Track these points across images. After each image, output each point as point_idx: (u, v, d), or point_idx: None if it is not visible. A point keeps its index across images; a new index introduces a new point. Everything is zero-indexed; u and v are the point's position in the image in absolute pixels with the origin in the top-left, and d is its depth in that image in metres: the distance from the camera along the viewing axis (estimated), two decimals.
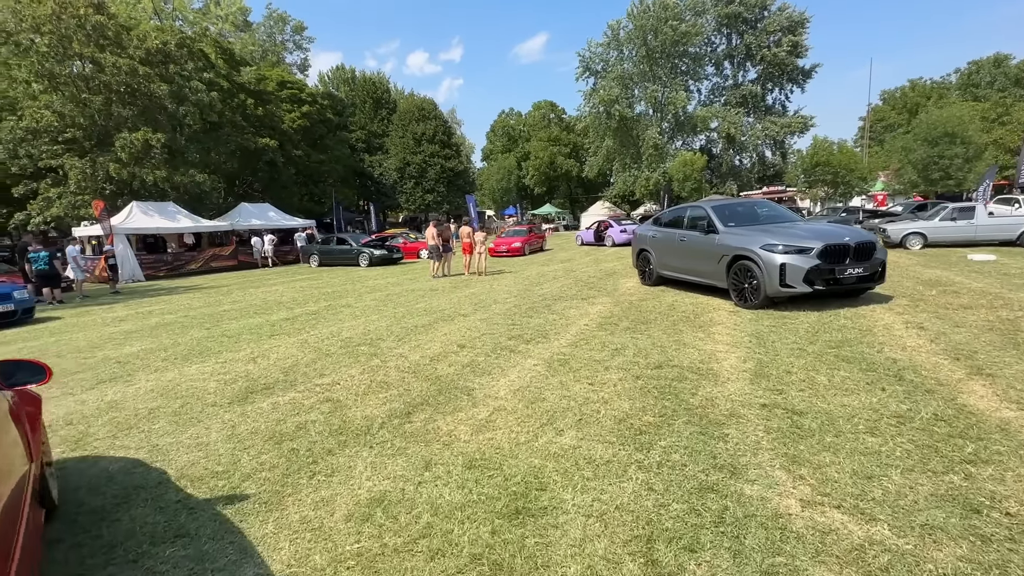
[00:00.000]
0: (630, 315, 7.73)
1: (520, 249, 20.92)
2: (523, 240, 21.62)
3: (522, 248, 20.97)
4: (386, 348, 6.43)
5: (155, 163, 20.74)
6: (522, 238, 21.93)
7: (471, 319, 8.12)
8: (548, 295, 10.23)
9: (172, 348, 6.96)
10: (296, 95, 35.67)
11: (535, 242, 23.28)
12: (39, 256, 13.30)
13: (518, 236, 22.42)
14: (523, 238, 21.94)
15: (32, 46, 18.97)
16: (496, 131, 64.14)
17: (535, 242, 23.28)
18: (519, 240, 21.57)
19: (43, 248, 13.92)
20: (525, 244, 21.42)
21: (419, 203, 43.84)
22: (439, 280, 14.14)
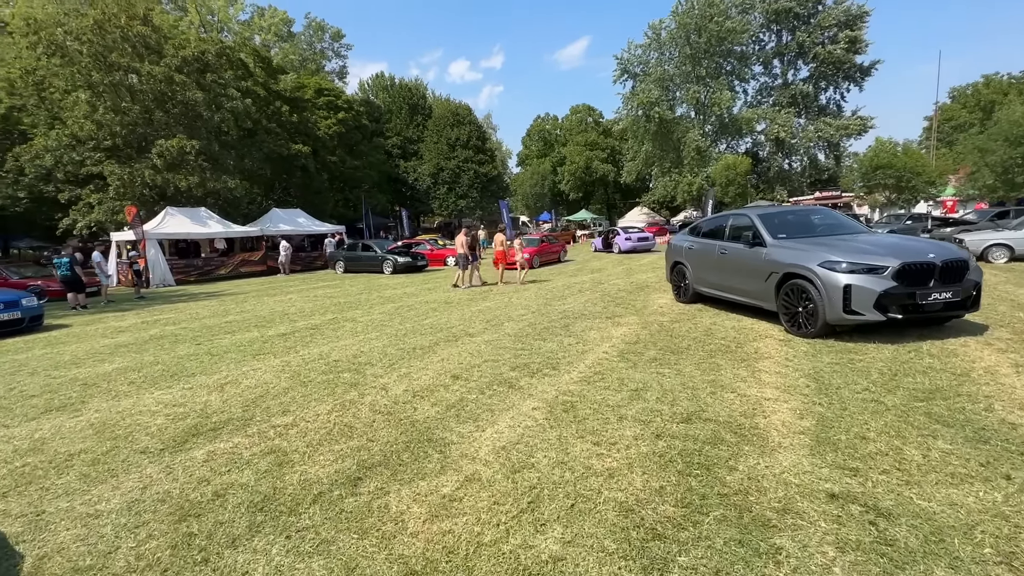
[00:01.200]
0: (659, 341, 6.63)
1: (530, 261, 17.81)
2: (532, 252, 18.85)
3: (530, 260, 18.00)
4: (371, 376, 5.63)
5: (189, 169, 21.05)
6: (531, 249, 19.07)
7: (477, 340, 7.24)
8: (569, 312, 9.23)
9: (148, 367, 6.41)
10: (332, 102, 36.10)
11: (549, 253, 20.88)
12: (61, 262, 13.46)
13: (527, 247, 19.94)
14: (532, 249, 19.22)
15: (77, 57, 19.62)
16: (532, 136, 63.43)
17: (549, 253, 20.88)
18: (526, 252, 18.97)
19: (64, 254, 14.08)
20: (534, 256, 18.87)
21: (452, 208, 43.56)
22: (460, 291, 13.35)
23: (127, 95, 20.82)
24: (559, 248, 22.24)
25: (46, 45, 19.44)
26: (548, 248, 21.50)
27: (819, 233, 7.55)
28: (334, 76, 46.64)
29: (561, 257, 21.32)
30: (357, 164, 36.35)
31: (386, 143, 45.66)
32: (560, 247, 22.38)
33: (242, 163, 24.26)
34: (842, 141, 39.92)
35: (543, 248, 20.69)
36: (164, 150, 20.18)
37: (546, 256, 20.73)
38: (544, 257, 20.35)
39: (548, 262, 20.58)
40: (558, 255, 21.62)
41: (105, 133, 19.79)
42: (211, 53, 22.87)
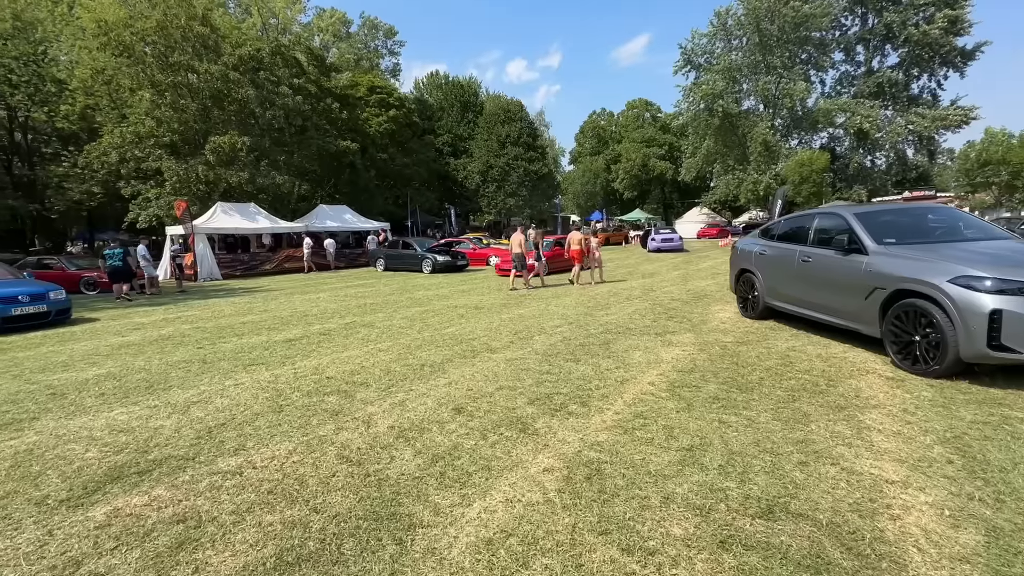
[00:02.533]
0: (721, 370, 5.27)
1: (532, 268, 14.76)
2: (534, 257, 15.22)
3: (531, 268, 14.68)
4: (359, 403, 4.67)
5: (240, 165, 21.37)
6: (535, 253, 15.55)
7: (497, 358, 6.14)
8: (612, 325, 7.94)
9: (131, 376, 5.80)
10: (384, 99, 36.24)
11: (562, 259, 16.51)
12: (113, 253, 13.80)
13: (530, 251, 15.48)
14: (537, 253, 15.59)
15: (142, 57, 20.35)
16: (585, 132, 61.61)
17: (562, 259, 16.51)
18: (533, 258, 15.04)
19: (118, 245, 14.45)
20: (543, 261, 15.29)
21: (500, 207, 42.78)
22: (505, 293, 12.31)
23: (187, 93, 21.41)
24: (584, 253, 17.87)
25: (115, 46, 20.31)
26: (562, 254, 16.95)
27: (940, 238, 5.87)
28: (387, 74, 47.12)
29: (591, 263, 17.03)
30: (407, 162, 36.29)
31: (436, 141, 45.56)
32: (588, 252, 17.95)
33: (292, 159, 24.52)
34: (937, 134, 35.51)
35: (554, 254, 16.84)
36: (217, 146, 20.56)
37: (566, 261, 16.39)
38: (563, 261, 16.54)
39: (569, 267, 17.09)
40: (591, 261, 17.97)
41: (164, 130, 20.44)
42: (266, 51, 23.18)
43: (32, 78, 24.49)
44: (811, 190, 30.16)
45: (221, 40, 21.72)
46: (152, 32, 19.93)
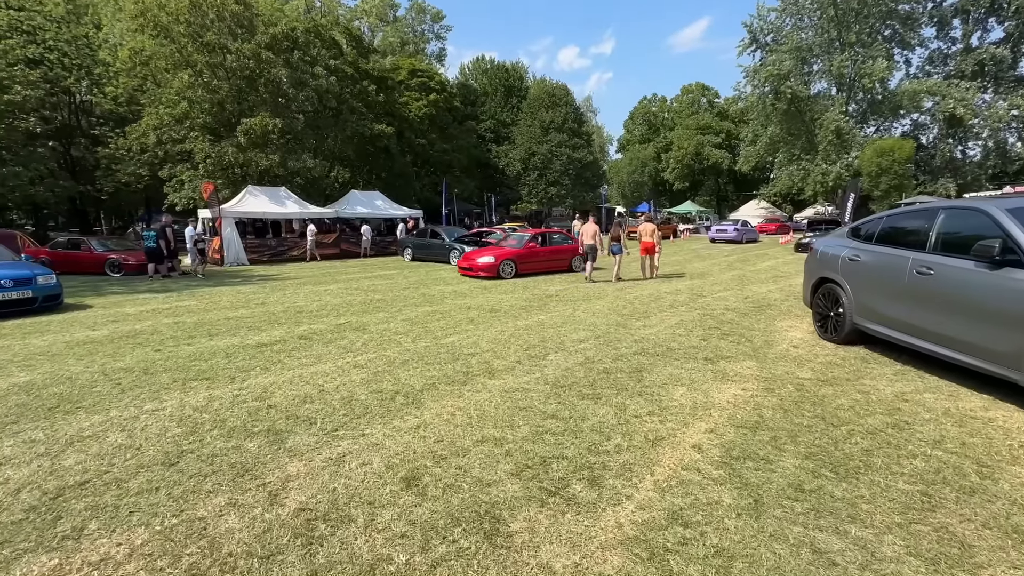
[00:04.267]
0: (801, 429, 3.67)
1: (493, 267, 13.13)
2: (506, 255, 13.41)
3: (495, 268, 13.11)
4: (285, 454, 3.42)
5: (272, 148, 20.87)
6: (508, 251, 13.75)
7: (494, 387, 4.76)
8: (649, 342, 6.36)
9: (48, 389, 4.83)
10: (425, 83, 35.23)
11: (551, 258, 14.38)
12: (149, 235, 14.46)
13: (506, 248, 14.12)
14: (509, 251, 13.72)
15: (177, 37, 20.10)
16: (635, 118, 58.58)
17: (551, 258, 14.38)
18: (498, 254, 13.41)
19: (154, 227, 14.84)
20: (503, 262, 13.21)
21: (541, 196, 41.09)
22: (528, 293, 10.90)
23: (222, 74, 21.06)
24: (567, 252, 14.80)
25: (152, 26, 20.16)
26: (542, 253, 14.27)
27: None
28: (432, 59, 46.13)
29: (572, 265, 14.61)
30: (446, 147, 35.23)
31: (478, 127, 44.26)
32: (573, 249, 14.75)
33: (324, 143, 23.91)
34: None
35: (527, 252, 13.91)
36: (248, 128, 20.10)
37: (547, 262, 14.34)
38: (542, 263, 14.22)
39: (552, 269, 14.42)
40: (569, 261, 14.69)
41: (197, 111, 20.18)
42: (300, 30, 22.51)
43: (84, 61, 25.06)
44: (891, 183, 26.70)
45: (254, 18, 21.19)
46: (185, 11, 19.59)
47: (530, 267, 14.03)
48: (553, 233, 15.86)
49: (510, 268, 13.49)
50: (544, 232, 15.52)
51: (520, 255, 13.85)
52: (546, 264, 14.45)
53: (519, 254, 13.86)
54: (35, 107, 23.89)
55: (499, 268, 13.26)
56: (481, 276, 13.21)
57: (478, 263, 13.37)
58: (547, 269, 14.47)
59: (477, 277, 13.27)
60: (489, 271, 13.20)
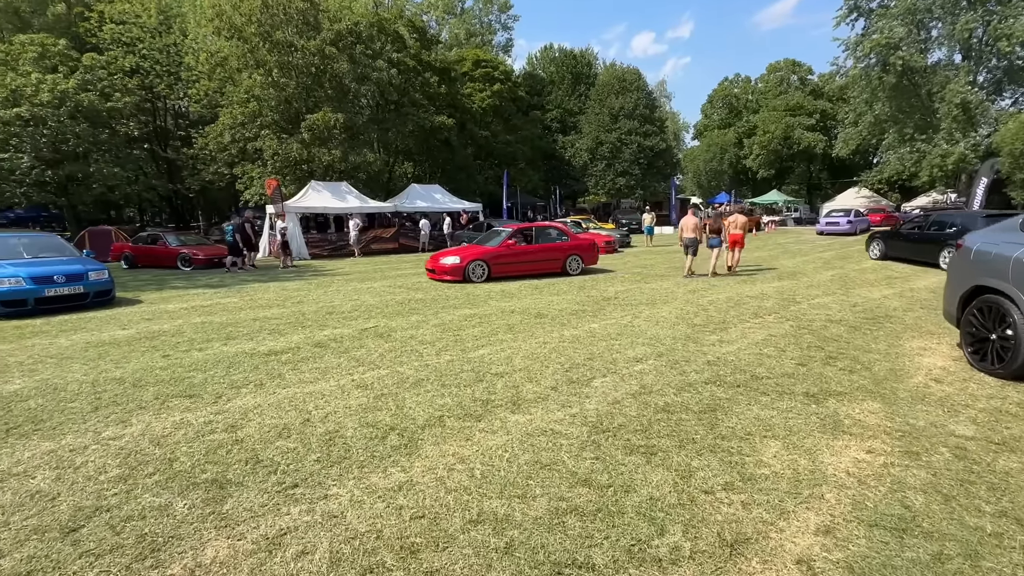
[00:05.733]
0: (983, 538, 2.22)
1: (459, 270, 11.29)
2: (476, 255, 11.52)
3: (461, 270, 11.28)
4: (212, 525, 2.58)
5: (334, 143, 21.02)
6: (479, 250, 11.84)
7: (515, 426, 3.69)
8: (728, 366, 4.97)
9: (24, 403, 4.39)
10: (490, 73, 34.48)
11: (540, 258, 12.29)
12: (228, 229, 15.62)
13: (478, 247, 12.23)
14: (480, 250, 11.79)
15: (249, 38, 20.72)
16: (714, 102, 54.33)
17: (540, 258, 12.29)
18: (466, 254, 11.58)
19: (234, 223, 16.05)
20: (471, 263, 11.33)
21: (609, 187, 39.04)
22: (583, 295, 9.70)
23: (289, 72, 21.51)
24: (569, 249, 12.66)
25: (227, 29, 20.94)
26: (526, 252, 12.17)
27: None
28: (499, 49, 45.34)
29: (567, 267, 12.47)
30: (509, 139, 34.32)
31: (544, 117, 42.92)
32: (570, 247, 12.71)
33: (385, 136, 23.84)
34: None
35: (509, 251, 11.87)
36: (312, 124, 20.35)
37: (531, 264, 12.19)
38: (525, 264, 12.10)
39: (538, 272, 12.24)
40: (563, 261, 12.47)
41: (266, 109, 20.73)
42: (363, 24, 22.48)
43: (173, 67, 26.85)
44: None
45: (320, 14, 21.40)
46: (257, 11, 20.11)
47: (508, 269, 11.83)
48: (547, 228, 13.62)
49: (481, 270, 11.42)
50: (532, 227, 13.21)
51: (494, 255, 11.69)
52: (531, 266, 12.16)
53: (492, 254, 11.70)
54: (132, 113, 25.90)
55: (466, 271, 11.24)
56: (447, 280, 11.36)
57: (441, 264, 11.53)
58: (532, 272, 12.14)
59: (443, 281, 11.41)
60: (454, 274, 11.27)
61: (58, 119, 21.36)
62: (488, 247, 12.03)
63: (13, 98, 20.62)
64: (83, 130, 22.24)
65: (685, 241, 11.73)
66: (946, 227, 12.23)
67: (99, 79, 23.17)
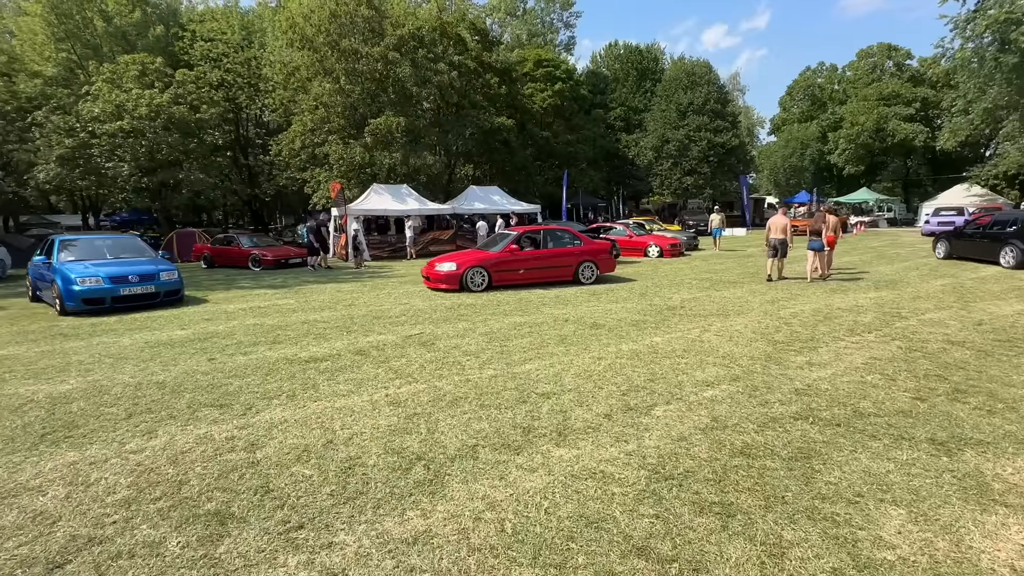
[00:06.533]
0: None
1: (455, 277, 10.31)
2: (474, 261, 10.55)
3: (458, 277, 10.28)
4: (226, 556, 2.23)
5: (396, 147, 21.36)
6: (478, 256, 10.90)
7: (558, 462, 3.16)
8: (820, 395, 4.13)
9: (72, 405, 4.41)
10: (551, 73, 33.91)
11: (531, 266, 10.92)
12: (303, 232, 17.17)
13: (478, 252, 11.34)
14: (480, 256, 10.85)
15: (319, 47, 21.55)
16: (794, 94, 50.43)
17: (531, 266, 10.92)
18: (463, 260, 10.64)
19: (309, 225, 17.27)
20: (469, 270, 10.31)
21: (675, 187, 37.19)
22: (644, 305, 8.94)
23: (356, 78, 22.14)
24: (581, 255, 11.32)
25: (299, 40, 21.91)
26: (531, 258, 10.96)
27: None
28: (561, 48, 44.66)
29: (580, 274, 11.20)
30: (570, 139, 33.55)
31: (608, 115, 41.69)
32: (583, 252, 11.36)
33: (446, 138, 23.96)
34: None
35: (512, 256, 10.75)
36: (375, 128, 20.77)
37: (539, 270, 11.01)
38: (532, 271, 10.93)
39: (546, 280, 11.10)
40: (574, 268, 11.20)
41: (333, 115, 21.45)
42: (426, 29, 22.72)
43: (253, 79, 28.62)
44: None
45: (383, 20, 21.85)
46: (326, 22, 20.85)
47: (511, 277, 10.74)
48: (558, 231, 12.12)
49: (481, 278, 10.38)
50: (541, 230, 11.92)
51: (495, 261, 10.61)
52: (537, 273, 10.99)
53: (493, 260, 10.62)
54: (217, 123, 27.84)
55: (463, 279, 10.25)
56: (442, 289, 10.39)
57: (436, 272, 10.48)
58: (539, 279, 10.99)
59: (438, 290, 10.45)
60: (449, 282, 10.26)
61: (154, 130, 23.30)
62: (489, 252, 10.99)
63: (117, 112, 22.74)
64: (175, 140, 24.15)
65: (772, 242, 10.85)
66: (1007, 225, 12.52)
67: (189, 93, 25.10)
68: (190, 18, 32.82)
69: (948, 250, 14.32)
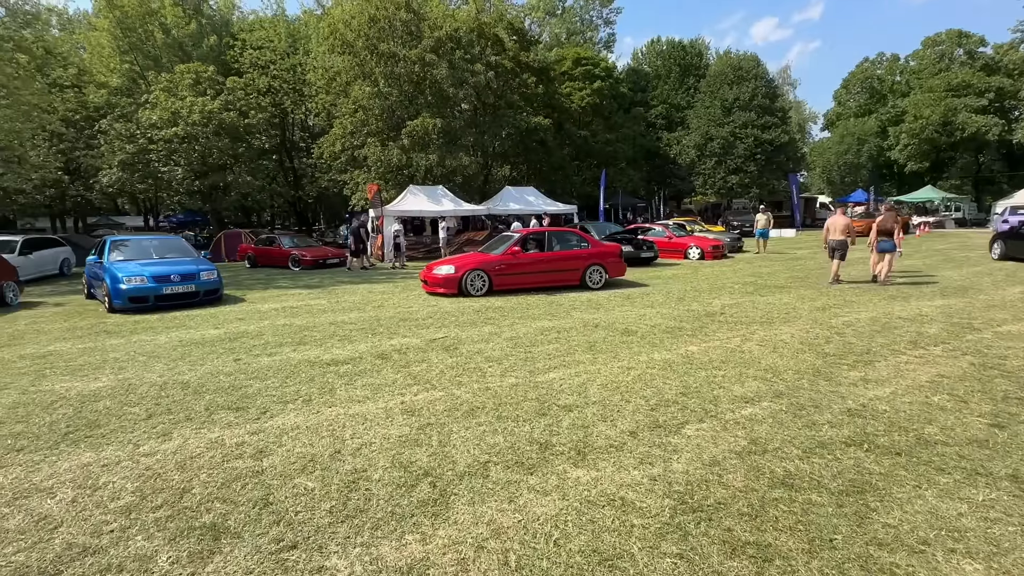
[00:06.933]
0: None
1: (454, 281, 9.82)
2: (473, 264, 10.05)
3: (456, 281, 9.79)
4: None
5: (432, 148, 21.50)
6: (478, 259, 10.41)
7: (574, 485, 2.92)
8: (878, 418, 3.70)
9: (99, 403, 4.49)
10: (590, 71, 33.33)
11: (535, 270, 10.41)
12: (344, 233, 17.39)
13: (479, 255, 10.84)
14: (480, 259, 10.35)
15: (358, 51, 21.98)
16: (850, 87, 47.61)
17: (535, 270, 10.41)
18: (462, 263, 10.17)
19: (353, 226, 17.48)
20: (468, 273, 9.84)
21: (719, 186, 35.77)
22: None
23: (394, 80, 22.44)
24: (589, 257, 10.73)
25: (340, 45, 22.42)
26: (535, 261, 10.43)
27: None
28: (600, 46, 43.91)
29: (587, 279, 10.57)
30: (609, 138, 32.87)
31: (648, 113, 40.66)
32: (590, 255, 10.78)
33: (481, 139, 23.93)
34: None
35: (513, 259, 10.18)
36: (412, 130, 20.97)
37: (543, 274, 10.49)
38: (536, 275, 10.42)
39: (552, 284, 10.56)
40: (581, 272, 10.60)
41: (371, 118, 21.81)
42: (463, 30, 22.76)
43: (297, 84, 29.58)
44: None
45: (421, 23, 22.04)
46: (365, 26, 21.23)
47: (514, 281, 10.22)
48: (565, 233, 11.73)
49: (481, 282, 9.92)
50: (546, 232, 11.28)
51: (496, 264, 10.10)
52: (542, 277, 10.48)
53: (494, 263, 10.12)
54: (264, 128, 28.93)
55: (462, 282, 9.77)
56: (440, 293, 9.98)
57: (434, 275, 10.08)
58: (543, 284, 10.50)
59: (436, 294, 10.05)
60: (448, 286, 9.82)
61: (206, 136, 24.44)
62: (491, 255, 10.47)
63: (173, 119, 23.99)
64: (224, 144, 25.26)
65: (832, 244, 10.37)
66: None
67: (238, 99, 26.20)
68: (240, 27, 34.29)
69: (1004, 251, 13.81)
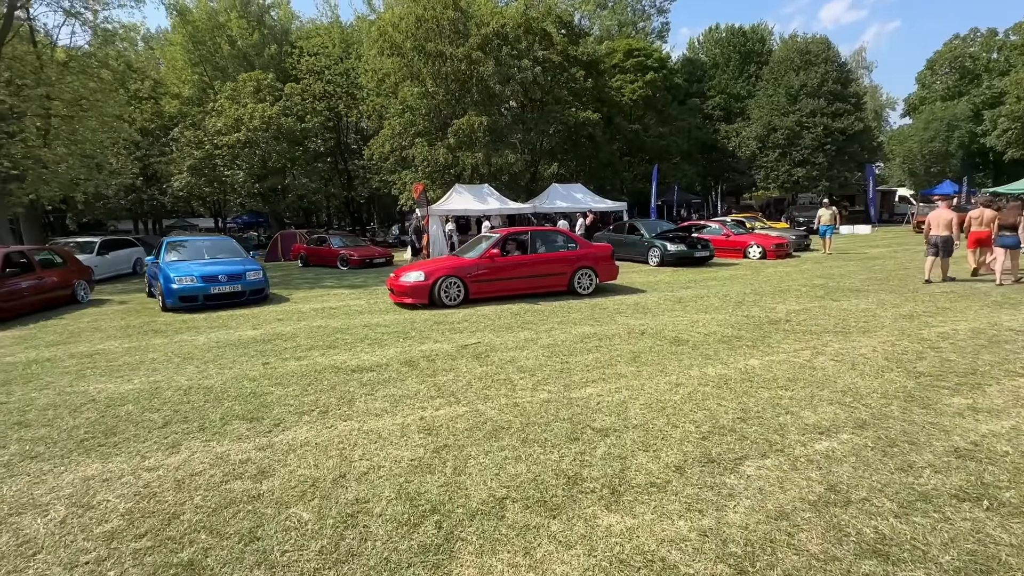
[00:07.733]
0: None
1: (423, 290, 8.62)
2: (445, 270, 8.87)
3: (426, 290, 8.60)
4: None
5: (478, 146, 21.32)
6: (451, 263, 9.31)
7: (604, 536, 2.41)
8: (1006, 464, 2.92)
9: (123, 407, 4.44)
10: (642, 63, 32.05)
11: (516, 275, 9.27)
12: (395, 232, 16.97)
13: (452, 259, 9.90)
14: (452, 264, 9.24)
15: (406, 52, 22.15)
16: (936, 68, 43.21)
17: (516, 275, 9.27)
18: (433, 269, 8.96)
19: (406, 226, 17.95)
20: (440, 280, 8.64)
21: (783, 180, 33.42)
22: (741, 313, 7.73)
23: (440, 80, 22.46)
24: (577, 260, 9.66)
25: (389, 47, 22.68)
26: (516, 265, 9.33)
27: None
28: (653, 36, 42.22)
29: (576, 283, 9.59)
30: (662, 131, 31.47)
31: (704, 104, 38.68)
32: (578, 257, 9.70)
33: (528, 136, 23.48)
34: None
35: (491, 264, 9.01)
36: (457, 129, 20.87)
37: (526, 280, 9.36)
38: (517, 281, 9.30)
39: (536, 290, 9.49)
40: (569, 276, 9.63)
41: (419, 117, 21.91)
42: (510, 26, 22.41)
43: (350, 88, 30.37)
44: None
45: (468, 21, 21.88)
46: (412, 27, 21.33)
47: (492, 288, 9.12)
48: (550, 234, 10.71)
49: (456, 290, 8.78)
50: (529, 232, 10.06)
51: (472, 268, 8.97)
52: (524, 282, 9.35)
53: (469, 268, 8.98)
54: (319, 131, 29.91)
55: (434, 290, 8.61)
56: (407, 304, 8.80)
57: (400, 283, 8.85)
58: (526, 290, 9.40)
59: (403, 305, 8.90)
60: (417, 296, 8.63)
61: (265, 140, 25.55)
62: (464, 259, 9.38)
63: (236, 125, 25.23)
64: (282, 148, 26.31)
65: (933, 240, 9.73)
66: None
67: (295, 104, 27.20)
68: (299, 35, 35.68)
69: None
